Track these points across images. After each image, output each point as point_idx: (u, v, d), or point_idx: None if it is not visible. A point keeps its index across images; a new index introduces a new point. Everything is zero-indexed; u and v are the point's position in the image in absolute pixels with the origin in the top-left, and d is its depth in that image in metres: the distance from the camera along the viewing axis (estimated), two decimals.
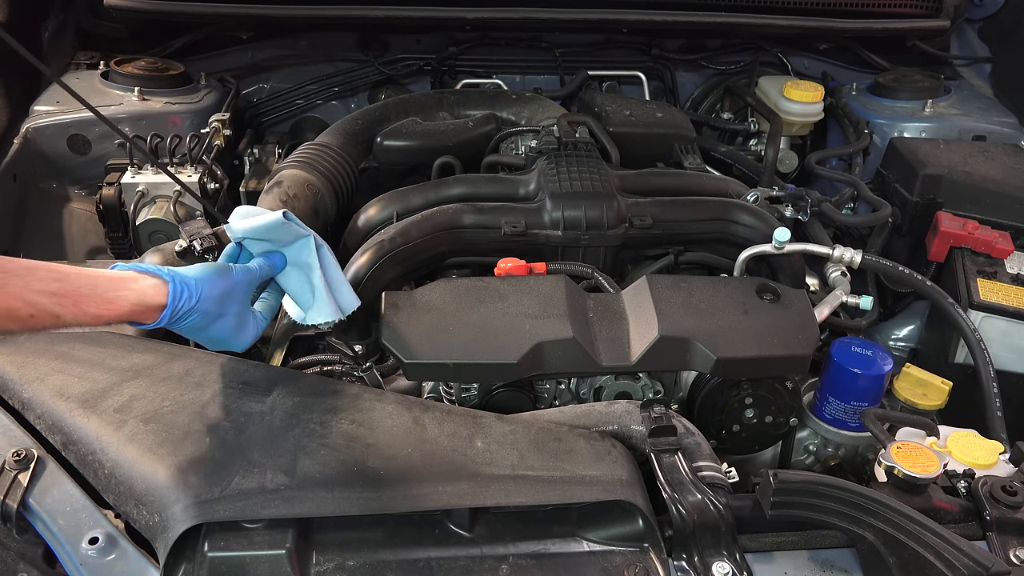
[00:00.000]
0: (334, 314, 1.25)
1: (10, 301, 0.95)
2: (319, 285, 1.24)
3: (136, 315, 1.06)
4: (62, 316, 1.00)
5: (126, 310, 1.05)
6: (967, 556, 0.94)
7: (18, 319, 0.96)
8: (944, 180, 1.92)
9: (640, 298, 1.37)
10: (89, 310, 1.02)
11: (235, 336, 1.18)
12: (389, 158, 1.98)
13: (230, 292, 1.16)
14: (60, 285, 1.00)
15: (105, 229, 1.85)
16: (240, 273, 1.18)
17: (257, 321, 1.22)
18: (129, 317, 1.06)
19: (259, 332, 1.22)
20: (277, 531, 1.00)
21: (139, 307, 1.06)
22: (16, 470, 1.10)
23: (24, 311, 0.96)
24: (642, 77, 2.53)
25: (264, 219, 1.20)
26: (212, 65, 2.39)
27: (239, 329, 1.18)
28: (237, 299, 1.17)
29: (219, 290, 1.13)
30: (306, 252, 1.24)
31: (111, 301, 1.04)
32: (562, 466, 1.11)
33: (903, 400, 1.55)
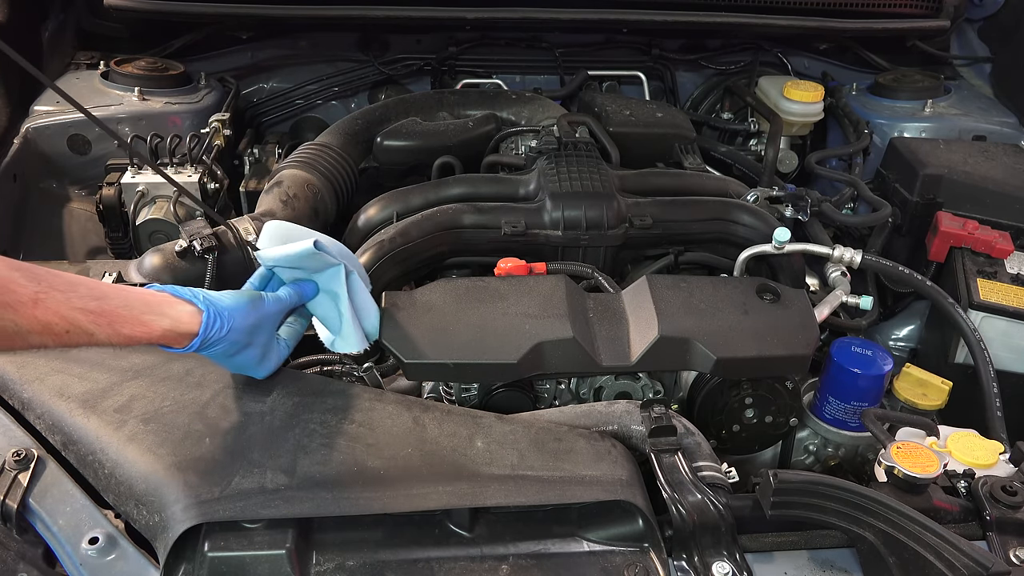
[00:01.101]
0: (360, 344, 1.26)
1: (50, 316, 0.96)
2: (346, 315, 1.25)
3: (167, 340, 1.07)
4: (96, 335, 1.00)
5: (158, 335, 1.06)
6: (967, 556, 0.94)
7: (54, 334, 0.97)
8: (944, 180, 1.92)
9: (640, 298, 1.37)
10: (123, 331, 1.02)
11: (258, 365, 1.20)
12: (389, 158, 1.99)
13: (260, 324, 1.17)
14: (99, 304, 1.01)
15: (105, 229, 1.85)
16: (272, 303, 1.19)
17: (280, 350, 1.23)
18: (160, 341, 1.06)
19: (281, 360, 1.23)
20: (277, 531, 1.00)
21: (171, 333, 1.07)
22: (16, 470, 1.10)
23: (61, 327, 0.97)
24: (642, 77, 2.53)
25: (295, 248, 1.20)
26: (212, 65, 2.39)
27: (263, 359, 1.20)
28: (266, 330, 1.19)
29: (250, 321, 1.15)
30: (336, 281, 1.25)
31: (145, 324, 1.04)
32: (562, 466, 1.11)
33: (903, 400, 1.55)
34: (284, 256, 1.20)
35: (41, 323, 0.95)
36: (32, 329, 0.95)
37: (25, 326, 0.94)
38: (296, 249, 1.20)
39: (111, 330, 1.01)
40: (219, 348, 1.12)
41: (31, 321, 0.94)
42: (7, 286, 0.93)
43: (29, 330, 0.94)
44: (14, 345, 0.95)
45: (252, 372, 1.20)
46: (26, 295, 0.94)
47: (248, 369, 1.20)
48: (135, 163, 1.84)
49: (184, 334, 1.08)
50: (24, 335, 0.94)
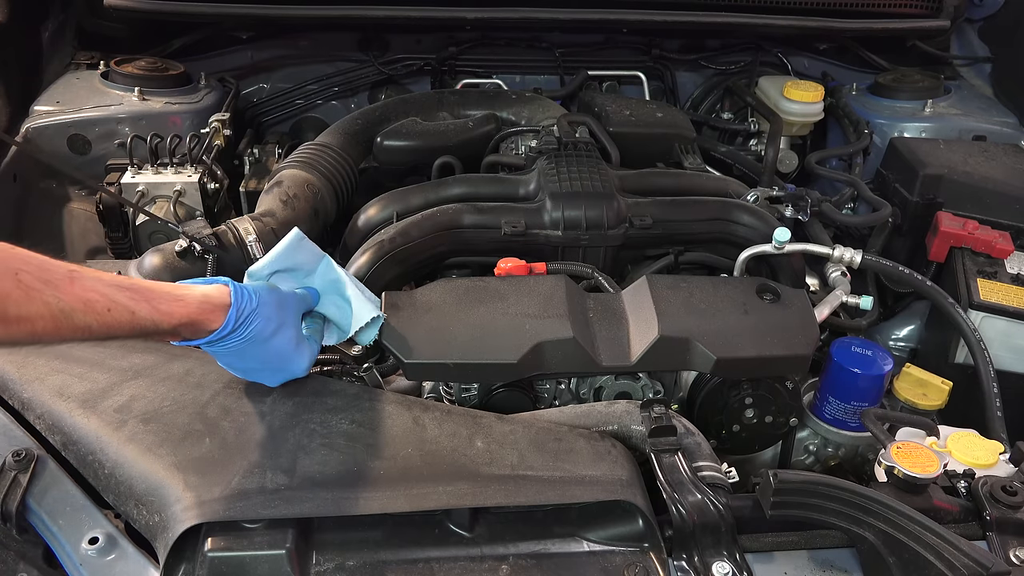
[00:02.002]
0: (372, 311, 1.26)
1: (89, 293, 0.95)
2: (353, 293, 1.25)
3: (205, 314, 1.06)
4: (137, 312, 0.99)
5: (195, 307, 1.05)
6: (967, 556, 0.94)
7: (96, 313, 0.96)
8: (944, 180, 1.92)
9: (640, 298, 1.37)
10: (161, 307, 1.02)
11: (296, 351, 1.18)
12: (389, 158, 1.99)
13: (285, 301, 1.16)
14: (130, 282, 1.01)
15: (105, 229, 1.85)
16: (290, 292, 1.20)
17: (311, 345, 1.23)
18: (197, 315, 1.06)
19: (315, 355, 1.23)
20: (277, 531, 1.00)
21: (206, 304, 1.06)
22: (16, 470, 1.10)
23: (102, 304, 0.96)
24: (642, 77, 2.53)
25: (281, 245, 1.21)
26: (212, 65, 2.39)
27: (299, 346, 1.18)
28: (292, 310, 1.18)
29: (275, 298, 1.15)
30: (331, 270, 1.26)
31: (179, 298, 1.04)
32: (562, 466, 1.11)
33: (903, 400, 1.55)
34: (275, 257, 1.21)
35: (82, 300, 0.94)
36: (75, 307, 0.94)
37: (68, 304, 0.93)
38: (283, 244, 1.21)
39: (150, 306, 1.01)
40: (255, 326, 1.11)
41: (73, 299, 0.93)
42: (42, 264, 0.93)
43: (72, 308, 0.93)
44: (61, 330, 0.93)
45: (293, 363, 1.18)
46: (62, 272, 0.94)
47: (289, 358, 1.17)
48: (135, 163, 1.84)
49: (218, 305, 1.08)
50: (69, 315, 0.93)
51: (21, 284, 0.90)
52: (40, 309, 0.91)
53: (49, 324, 0.92)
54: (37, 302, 0.91)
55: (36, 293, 0.91)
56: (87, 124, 2.01)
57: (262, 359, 1.15)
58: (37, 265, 0.92)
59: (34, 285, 0.91)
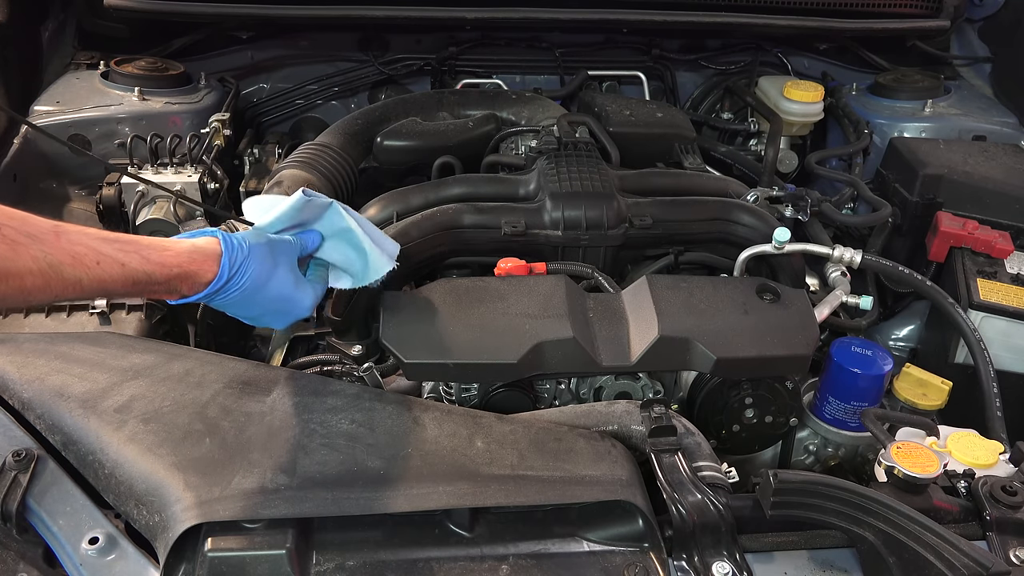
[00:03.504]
0: (388, 263, 1.25)
1: (75, 247, 0.93)
2: (365, 243, 1.24)
3: (196, 263, 1.05)
4: (127, 263, 0.97)
5: (185, 256, 1.04)
6: (967, 556, 0.94)
7: (85, 265, 0.93)
8: (944, 180, 1.92)
9: (640, 298, 1.37)
10: (151, 256, 1.00)
11: (296, 292, 1.16)
12: (389, 158, 1.98)
13: (276, 246, 1.14)
14: (116, 236, 0.99)
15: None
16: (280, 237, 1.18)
17: (314, 286, 1.20)
18: (188, 265, 1.04)
19: (319, 295, 1.21)
20: (277, 531, 1.00)
21: (196, 254, 1.05)
22: (16, 470, 1.10)
23: (90, 256, 0.94)
24: (642, 77, 2.53)
25: (287, 204, 1.19)
26: (212, 65, 2.39)
27: (298, 287, 1.16)
28: (286, 253, 1.15)
29: (264, 242, 1.13)
30: (339, 219, 1.24)
31: (168, 247, 1.03)
32: (562, 466, 1.11)
33: (903, 400, 1.55)
34: (280, 216, 1.20)
35: (70, 254, 0.92)
36: (63, 261, 0.91)
37: (56, 258, 0.91)
38: (288, 203, 1.19)
39: (140, 256, 0.99)
40: (251, 273, 1.09)
41: (60, 252, 0.91)
42: (25, 219, 0.91)
43: (61, 262, 0.91)
44: (51, 285, 0.91)
45: (296, 304, 1.17)
46: (46, 226, 0.92)
47: (290, 300, 1.16)
48: (135, 163, 1.84)
49: (209, 254, 1.06)
50: (57, 269, 0.91)
51: (5, 239, 0.87)
52: (28, 264, 0.89)
53: (39, 280, 0.90)
54: (24, 256, 0.88)
55: (22, 248, 0.88)
56: (87, 124, 2.01)
57: (263, 304, 1.15)
58: (20, 219, 0.90)
59: (19, 240, 0.88)
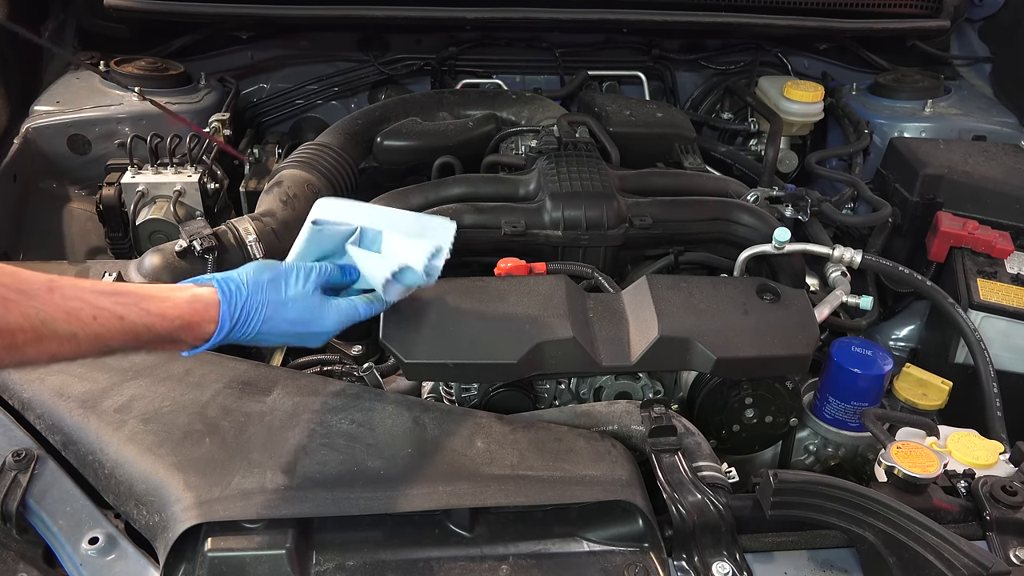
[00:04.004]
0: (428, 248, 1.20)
1: (70, 302, 0.91)
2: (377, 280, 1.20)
3: (197, 314, 1.03)
4: (126, 316, 0.96)
5: (185, 307, 1.02)
6: (967, 556, 0.94)
7: (81, 320, 0.91)
8: (944, 180, 1.92)
9: (640, 298, 1.37)
10: (150, 308, 0.98)
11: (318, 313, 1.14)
12: (389, 158, 1.99)
13: (285, 275, 1.12)
14: (114, 287, 0.98)
15: (105, 229, 1.85)
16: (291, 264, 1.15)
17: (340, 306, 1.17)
18: (190, 316, 1.02)
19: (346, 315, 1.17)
20: (277, 531, 1.00)
21: (196, 304, 1.04)
22: (16, 470, 1.10)
23: (86, 312, 0.92)
24: (642, 77, 2.53)
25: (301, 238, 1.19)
26: (212, 65, 2.39)
27: (320, 308, 1.14)
28: (296, 282, 1.13)
29: (268, 276, 1.11)
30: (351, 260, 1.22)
31: (167, 298, 1.01)
32: (562, 466, 1.11)
33: (903, 400, 1.55)
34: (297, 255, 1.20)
35: (64, 310, 0.90)
36: (57, 317, 0.89)
37: (49, 314, 0.89)
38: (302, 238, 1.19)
39: (139, 309, 0.97)
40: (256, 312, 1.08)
41: (53, 308, 0.89)
42: (17, 274, 0.89)
43: (54, 318, 0.89)
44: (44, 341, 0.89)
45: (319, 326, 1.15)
46: (39, 282, 0.90)
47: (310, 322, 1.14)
48: (135, 163, 1.84)
49: (209, 302, 1.05)
50: (51, 325, 0.89)
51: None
52: (19, 320, 0.87)
53: (30, 336, 0.87)
54: (15, 313, 0.86)
55: (13, 304, 0.87)
56: (87, 124, 2.01)
57: (282, 335, 1.13)
58: (12, 275, 0.89)
59: (9, 296, 0.87)
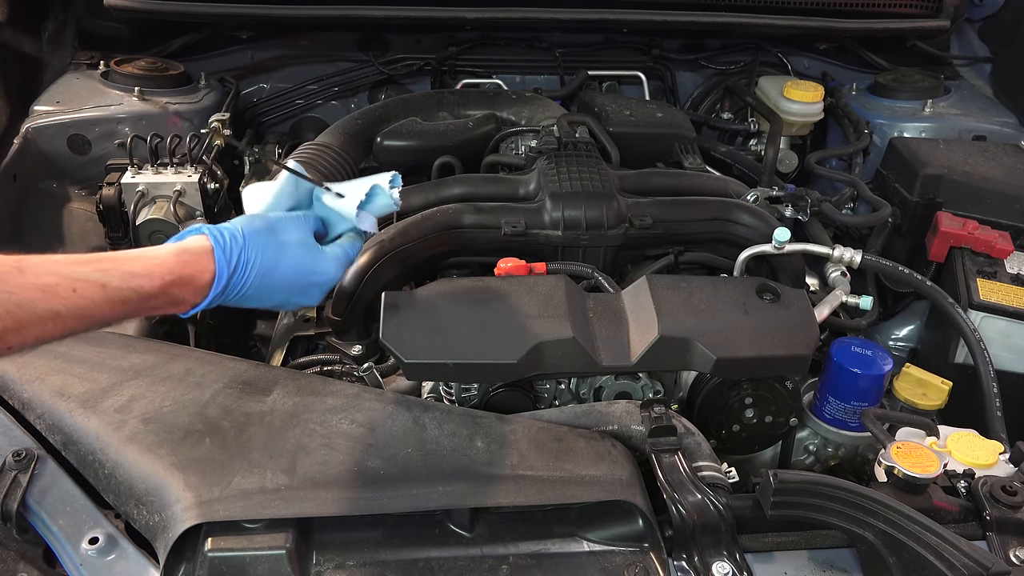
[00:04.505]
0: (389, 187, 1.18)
1: (43, 279, 0.85)
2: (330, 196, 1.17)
3: (188, 266, 0.96)
4: (109, 283, 0.89)
5: (173, 261, 0.95)
6: (967, 556, 0.94)
7: (60, 296, 0.85)
8: (944, 180, 1.92)
9: (640, 298, 1.37)
10: (135, 269, 0.92)
11: (317, 260, 1.08)
12: (389, 158, 1.98)
13: (278, 223, 1.07)
14: (92, 256, 0.91)
15: (105, 229, 1.85)
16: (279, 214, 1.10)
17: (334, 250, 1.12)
18: (180, 270, 0.96)
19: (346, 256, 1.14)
20: (277, 531, 1.00)
21: (186, 255, 0.97)
22: (16, 470, 1.10)
23: (64, 285, 0.86)
24: (642, 77, 2.53)
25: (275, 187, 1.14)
26: (212, 65, 2.39)
27: (317, 255, 1.09)
28: (293, 227, 1.08)
29: (259, 223, 1.05)
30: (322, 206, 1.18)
31: (151, 257, 0.94)
32: (562, 466, 1.11)
33: (903, 400, 1.55)
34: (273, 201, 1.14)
35: (38, 288, 0.84)
36: (32, 297, 0.83)
37: (24, 296, 0.83)
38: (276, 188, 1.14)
39: (122, 272, 0.90)
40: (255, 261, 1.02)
41: (27, 289, 0.83)
42: None
43: (30, 299, 0.83)
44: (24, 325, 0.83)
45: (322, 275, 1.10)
46: (7, 264, 0.84)
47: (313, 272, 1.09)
48: (135, 163, 1.84)
49: (200, 252, 0.98)
50: (27, 307, 0.83)
51: None
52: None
53: (8, 323, 0.81)
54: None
55: None
56: (87, 124, 2.01)
57: (284, 287, 1.07)
58: None
59: None
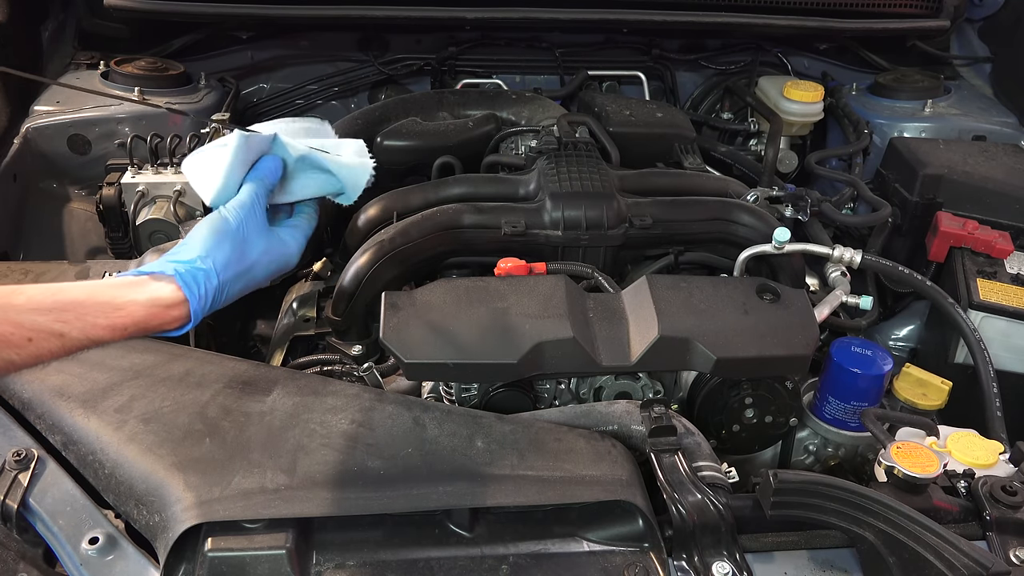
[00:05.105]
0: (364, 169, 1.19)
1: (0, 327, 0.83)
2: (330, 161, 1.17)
3: (155, 318, 0.97)
4: (67, 333, 0.88)
5: (141, 314, 0.95)
6: (967, 556, 0.94)
7: (14, 345, 0.85)
8: (944, 180, 1.92)
9: (640, 298, 1.37)
10: (98, 321, 0.91)
11: (281, 262, 1.14)
12: (389, 158, 1.98)
13: (243, 239, 1.07)
14: (55, 300, 0.89)
15: (105, 229, 1.85)
16: (238, 214, 1.08)
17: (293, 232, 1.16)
18: (147, 322, 0.96)
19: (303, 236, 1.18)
20: (277, 531, 1.00)
21: (156, 307, 0.97)
22: (16, 470, 1.10)
23: (19, 335, 0.85)
24: (642, 77, 2.53)
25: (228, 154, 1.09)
26: (212, 65, 2.39)
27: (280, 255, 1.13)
28: (255, 239, 1.09)
29: (229, 248, 1.05)
30: (287, 151, 1.18)
31: (119, 308, 0.94)
32: (562, 466, 1.11)
33: (903, 400, 1.55)
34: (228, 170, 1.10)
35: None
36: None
37: None
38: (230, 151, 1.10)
39: (82, 323, 0.89)
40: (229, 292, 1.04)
41: None
42: None
43: None
44: None
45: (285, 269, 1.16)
46: None
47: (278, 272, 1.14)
48: (135, 163, 1.84)
49: (173, 303, 0.98)
50: None
51: None
52: None
53: None
54: None
55: None
56: (87, 124, 2.02)
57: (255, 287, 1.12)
58: None
59: None
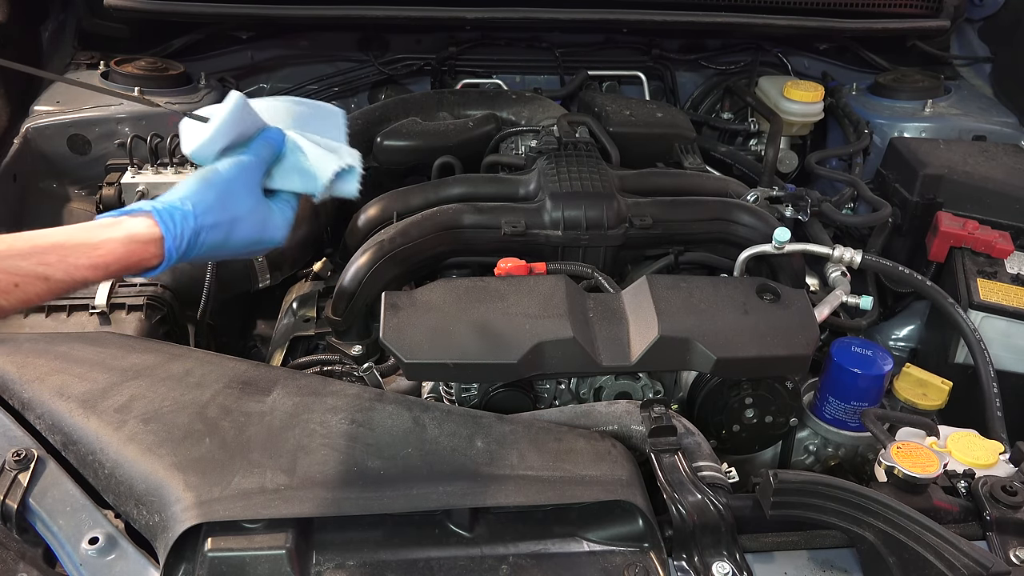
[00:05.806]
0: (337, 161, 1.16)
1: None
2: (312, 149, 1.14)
3: (135, 255, 0.96)
4: (51, 276, 0.89)
5: (120, 251, 0.95)
6: (967, 556, 0.94)
7: (1, 291, 0.86)
8: (944, 180, 1.92)
9: (640, 298, 1.37)
10: (79, 262, 0.92)
11: (265, 232, 1.09)
12: (389, 158, 1.99)
13: (229, 191, 1.04)
14: (35, 245, 0.90)
15: None
16: (230, 167, 1.05)
17: (282, 208, 1.11)
18: (127, 259, 0.96)
19: (290, 218, 1.13)
20: (277, 531, 1.00)
21: (134, 244, 0.96)
22: (16, 470, 1.10)
23: (6, 281, 0.86)
24: (642, 77, 2.53)
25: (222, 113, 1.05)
26: (212, 65, 2.39)
27: (266, 224, 1.08)
28: (242, 195, 1.06)
29: (213, 195, 1.03)
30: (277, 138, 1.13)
31: (97, 246, 0.94)
32: (562, 466, 1.11)
33: (903, 400, 1.55)
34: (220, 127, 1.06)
35: None
36: None
37: None
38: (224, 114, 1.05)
39: (65, 264, 0.90)
40: (205, 239, 1.00)
41: None
42: None
43: None
44: None
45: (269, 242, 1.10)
46: None
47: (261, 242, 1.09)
48: (135, 163, 1.84)
49: (148, 239, 0.97)
50: None
51: None
52: None
53: None
54: None
55: None
56: (87, 124, 2.01)
57: (234, 250, 1.08)
58: None
59: None
